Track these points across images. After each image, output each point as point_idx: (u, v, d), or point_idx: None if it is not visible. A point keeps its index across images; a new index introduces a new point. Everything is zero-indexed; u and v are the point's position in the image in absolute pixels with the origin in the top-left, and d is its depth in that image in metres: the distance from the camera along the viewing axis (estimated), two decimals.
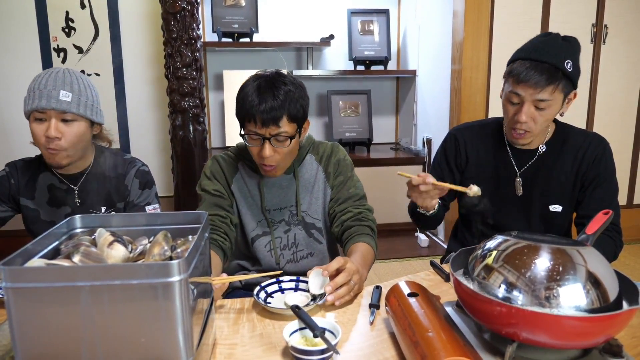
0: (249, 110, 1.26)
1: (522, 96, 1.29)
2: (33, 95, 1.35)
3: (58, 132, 1.36)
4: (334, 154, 1.48)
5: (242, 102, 1.28)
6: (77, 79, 1.41)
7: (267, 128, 1.26)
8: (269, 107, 1.24)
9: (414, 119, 3.74)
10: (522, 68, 1.28)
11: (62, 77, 1.38)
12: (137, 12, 3.41)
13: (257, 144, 1.30)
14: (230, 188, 1.44)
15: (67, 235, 0.89)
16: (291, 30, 3.71)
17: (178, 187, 3.13)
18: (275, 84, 1.27)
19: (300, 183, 1.45)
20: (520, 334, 0.80)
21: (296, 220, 1.46)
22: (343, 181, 1.47)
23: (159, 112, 3.56)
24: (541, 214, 1.46)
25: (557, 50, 1.27)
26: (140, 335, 0.70)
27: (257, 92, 1.26)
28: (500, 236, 0.93)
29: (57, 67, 1.42)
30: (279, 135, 1.27)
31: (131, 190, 1.55)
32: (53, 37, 3.33)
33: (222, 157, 1.47)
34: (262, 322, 1.05)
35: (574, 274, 0.81)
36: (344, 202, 1.45)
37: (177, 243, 0.84)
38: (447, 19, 3.14)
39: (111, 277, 0.68)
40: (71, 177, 1.51)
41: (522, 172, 1.45)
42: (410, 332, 0.86)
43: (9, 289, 0.66)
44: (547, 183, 1.44)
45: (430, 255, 3.21)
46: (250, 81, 1.31)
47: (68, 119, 1.38)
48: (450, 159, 1.55)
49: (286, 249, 1.46)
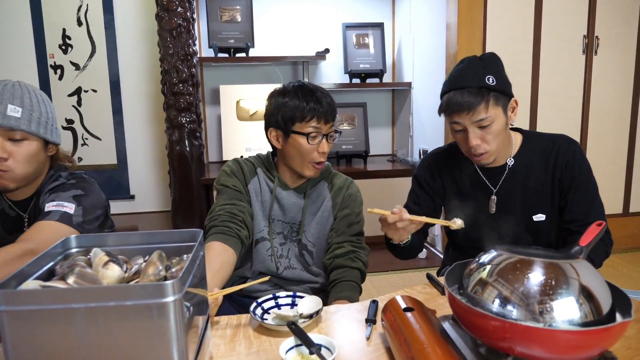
0: (313, 108, 1.35)
1: (461, 123, 1.31)
2: None
3: (4, 151, 1.22)
4: (347, 188, 1.53)
5: (298, 106, 1.36)
6: (28, 93, 1.26)
7: (328, 124, 1.39)
8: (328, 104, 1.38)
9: (410, 130, 3.76)
10: (449, 99, 1.31)
11: (10, 90, 1.23)
12: (133, 28, 3.44)
13: (317, 142, 1.38)
14: (247, 187, 1.47)
15: (62, 255, 0.89)
16: (287, 44, 3.74)
17: (175, 202, 3.13)
18: (318, 87, 1.41)
19: (308, 204, 1.48)
20: (515, 348, 0.80)
21: (294, 237, 1.49)
22: (348, 215, 1.50)
23: (156, 127, 3.57)
24: (526, 225, 1.45)
25: (473, 72, 1.30)
26: (135, 356, 0.70)
27: (311, 94, 1.37)
28: (494, 250, 0.94)
29: (7, 80, 1.26)
30: (331, 131, 1.41)
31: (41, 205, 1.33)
32: (50, 54, 3.36)
33: (242, 160, 1.52)
34: (258, 338, 1.05)
35: (567, 287, 0.81)
36: (342, 235, 1.48)
37: (172, 262, 0.84)
38: (440, 32, 3.18)
39: (106, 298, 0.68)
40: (21, 202, 1.36)
41: (497, 190, 1.45)
42: (406, 347, 0.86)
43: (4, 312, 0.67)
44: (525, 194, 1.43)
45: (429, 266, 3.20)
46: (289, 89, 1.40)
47: (17, 137, 1.23)
48: (425, 185, 1.53)
49: (282, 258, 1.49)
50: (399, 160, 3.82)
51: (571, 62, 3.12)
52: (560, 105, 3.15)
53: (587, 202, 1.40)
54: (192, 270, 0.79)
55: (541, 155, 1.42)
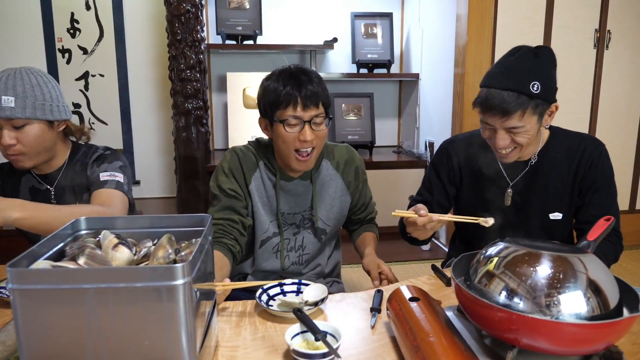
0: (288, 93, 1.27)
1: (492, 124, 1.27)
2: None
3: (11, 138, 1.32)
4: (352, 161, 1.52)
5: (276, 90, 1.29)
6: (21, 80, 1.32)
7: (308, 110, 1.29)
8: (309, 90, 1.28)
9: (416, 122, 3.74)
10: (486, 97, 1.23)
11: (4, 82, 1.30)
12: (141, 13, 3.43)
13: (296, 130, 1.30)
14: (248, 188, 1.41)
15: (72, 237, 0.89)
16: (295, 33, 3.72)
17: (181, 188, 3.14)
18: (304, 71, 1.32)
19: (317, 189, 1.45)
20: (521, 340, 0.80)
21: (307, 224, 1.46)
22: (362, 187, 1.55)
23: (163, 113, 3.57)
24: (542, 223, 1.44)
25: (521, 73, 1.21)
26: (144, 338, 0.71)
27: (291, 78, 1.29)
28: (502, 242, 0.94)
29: (9, 69, 1.34)
30: (317, 116, 1.30)
31: (90, 175, 1.48)
32: (58, 38, 3.35)
33: (242, 151, 1.43)
34: (264, 324, 1.06)
35: (574, 281, 0.81)
36: (366, 208, 1.59)
37: (181, 246, 0.85)
38: (450, 23, 3.15)
39: (116, 279, 0.68)
40: (47, 176, 1.49)
41: (514, 184, 1.43)
42: (411, 336, 0.86)
43: (15, 290, 0.67)
44: (544, 192, 1.42)
45: (432, 258, 3.21)
46: (275, 73, 1.34)
47: (18, 125, 1.32)
48: (442, 173, 1.52)
49: (292, 251, 1.46)
50: (404, 151, 3.81)
51: (582, 56, 3.08)
52: (569, 99, 3.13)
53: (604, 205, 1.38)
54: (201, 254, 0.79)
55: (566, 153, 1.40)
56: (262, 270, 1.46)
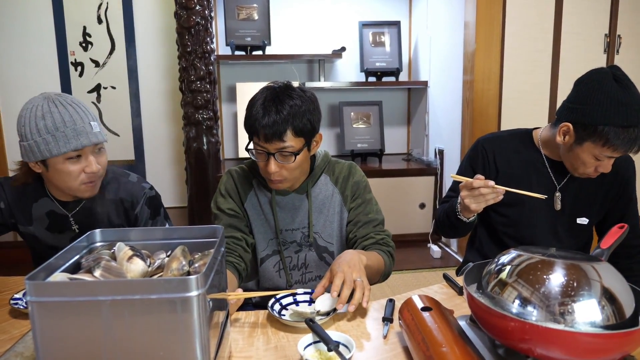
0: (252, 124, 1.24)
1: (612, 156, 1.28)
2: (64, 135, 1.24)
3: (96, 165, 1.31)
4: (352, 176, 1.44)
5: (248, 116, 1.27)
6: (87, 107, 1.33)
7: (271, 143, 1.24)
8: (271, 121, 1.22)
9: (425, 129, 3.74)
10: (623, 139, 1.22)
11: (81, 109, 1.29)
12: (152, 26, 3.48)
13: (262, 159, 1.28)
14: (244, 206, 1.41)
15: (87, 249, 0.91)
16: (303, 42, 3.75)
17: (192, 198, 3.16)
18: (280, 98, 1.25)
19: (313, 204, 1.41)
20: (534, 350, 0.80)
21: (308, 242, 1.43)
22: (361, 204, 1.43)
23: (174, 124, 3.61)
24: (569, 226, 1.46)
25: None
26: (159, 349, 0.72)
27: (262, 106, 1.24)
28: (514, 251, 0.94)
29: (46, 97, 1.29)
30: (283, 150, 1.25)
31: (141, 220, 1.49)
32: (71, 51, 3.41)
33: (237, 172, 1.45)
34: (276, 334, 1.06)
35: (588, 289, 0.81)
36: (364, 227, 1.41)
37: (195, 258, 0.86)
38: (458, 30, 3.16)
39: (131, 291, 0.69)
40: (72, 203, 1.44)
41: (561, 187, 1.44)
42: (424, 346, 0.86)
43: (34, 302, 0.68)
44: (577, 196, 1.44)
45: (443, 266, 3.19)
46: (258, 94, 1.29)
47: (99, 148, 1.33)
48: (477, 169, 1.51)
49: (295, 270, 1.44)
50: (414, 159, 3.81)
51: (592, 61, 3.06)
52: None
53: (629, 216, 1.45)
54: (214, 265, 0.80)
55: None
56: (267, 289, 1.45)
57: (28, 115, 1.27)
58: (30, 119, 1.25)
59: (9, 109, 3.41)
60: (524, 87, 3.01)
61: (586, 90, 1.27)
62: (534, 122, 1.69)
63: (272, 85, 1.30)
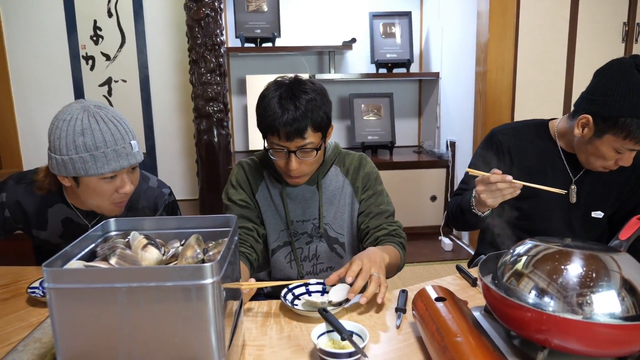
0: (271, 123, 1.21)
1: (626, 149, 1.25)
2: (104, 155, 1.15)
3: (130, 186, 1.24)
4: (362, 167, 1.44)
5: (264, 115, 1.23)
6: (127, 123, 1.23)
7: (292, 141, 1.22)
8: (291, 119, 1.19)
9: (437, 121, 3.71)
10: None
11: (122, 126, 1.20)
12: (162, 19, 3.48)
13: (282, 157, 1.27)
14: (255, 197, 1.41)
15: (102, 238, 0.91)
16: (313, 34, 3.73)
17: (203, 191, 3.17)
18: (296, 94, 1.22)
19: (324, 195, 1.41)
20: (551, 341, 0.79)
21: (318, 233, 1.42)
22: (372, 195, 1.42)
23: (184, 117, 3.62)
24: (583, 220, 1.43)
25: None
26: (174, 336, 0.72)
27: (278, 104, 1.21)
28: (530, 241, 0.92)
29: (85, 110, 1.17)
30: (304, 147, 1.24)
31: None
32: (82, 45, 3.43)
33: (248, 164, 1.44)
34: (289, 324, 1.06)
35: (607, 280, 0.79)
36: (376, 218, 1.40)
37: (209, 246, 0.86)
38: (471, 20, 3.12)
39: (147, 279, 0.69)
40: (90, 212, 1.38)
41: (576, 180, 1.41)
42: (438, 336, 0.86)
43: (51, 289, 0.69)
44: (593, 189, 1.41)
45: (454, 259, 3.18)
46: (270, 91, 1.25)
47: (134, 167, 1.25)
48: (491, 161, 1.48)
49: (306, 261, 1.44)
50: (425, 151, 3.79)
51: (609, 51, 3.01)
52: None
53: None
54: (228, 253, 0.80)
55: None
56: (278, 280, 1.45)
57: (65, 127, 1.15)
58: (68, 133, 1.14)
59: (22, 103, 3.44)
60: (539, 78, 2.97)
61: (607, 81, 1.23)
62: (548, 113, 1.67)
63: (281, 81, 1.27)
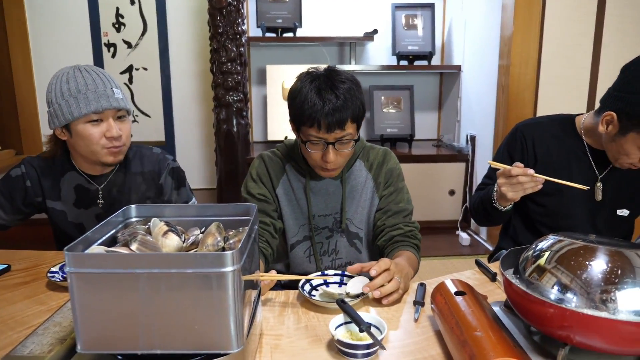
0: (312, 115, 1.19)
1: None
2: (85, 97, 1.28)
3: (119, 130, 1.33)
4: (386, 162, 1.42)
5: (302, 107, 1.20)
6: (111, 76, 1.37)
7: (332, 132, 1.20)
8: (332, 109, 1.17)
9: (457, 115, 3.66)
10: None
11: (104, 76, 1.34)
12: (184, 7, 3.49)
13: (319, 150, 1.24)
14: (276, 192, 1.39)
15: (123, 224, 0.92)
16: (334, 25, 3.70)
17: (221, 180, 3.19)
18: (334, 84, 1.20)
19: (347, 190, 1.39)
20: (573, 338, 0.77)
21: (339, 228, 1.41)
22: (393, 192, 1.41)
23: (204, 105, 3.64)
24: (608, 218, 1.40)
25: None
26: (194, 323, 0.72)
27: (318, 95, 1.19)
28: (553, 237, 0.91)
29: (74, 66, 1.35)
30: (343, 138, 1.22)
31: (166, 190, 1.51)
32: (104, 32, 3.46)
33: (269, 157, 1.42)
34: (307, 314, 1.07)
35: (633, 277, 0.77)
36: (394, 217, 1.39)
37: (229, 234, 0.86)
38: (495, 13, 3.06)
39: (168, 265, 0.70)
40: (99, 176, 1.46)
41: (602, 177, 1.38)
42: (457, 330, 0.85)
43: (73, 273, 0.70)
44: (619, 187, 1.38)
45: (472, 254, 3.15)
46: (305, 83, 1.23)
47: (121, 115, 1.35)
48: (515, 156, 1.46)
49: (325, 255, 1.43)
50: (444, 145, 3.74)
51: (637, 45, 2.92)
52: None
53: None
54: (248, 242, 0.80)
55: None
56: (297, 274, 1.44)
57: (54, 81, 1.33)
58: (56, 85, 1.32)
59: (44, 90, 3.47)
60: (563, 72, 2.90)
61: (632, 77, 1.20)
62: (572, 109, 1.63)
63: (315, 72, 1.25)
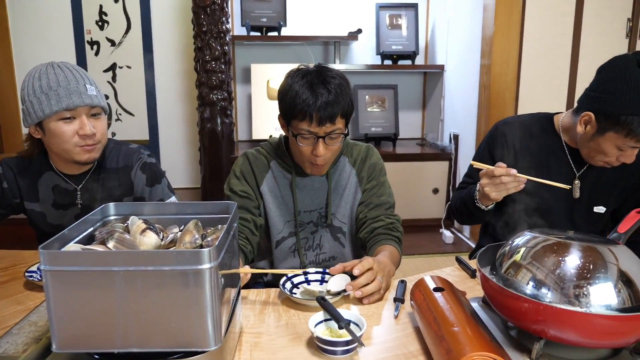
0: (303, 108, 1.20)
1: (636, 146, 1.23)
2: (57, 94, 1.25)
3: (92, 127, 1.30)
4: (369, 157, 1.45)
5: (293, 102, 1.22)
6: (85, 73, 1.33)
7: (323, 126, 1.22)
8: (324, 102, 1.20)
9: (441, 114, 3.70)
10: None
11: (77, 72, 1.30)
12: (168, 5, 3.47)
13: (309, 144, 1.26)
14: (260, 189, 1.40)
15: (101, 222, 0.91)
16: (319, 24, 3.71)
17: (205, 179, 3.17)
18: (325, 79, 1.23)
19: (332, 186, 1.41)
20: (548, 332, 0.79)
21: (324, 223, 1.43)
22: (375, 186, 1.43)
23: (188, 104, 3.61)
24: (585, 215, 1.42)
25: None
26: (171, 321, 0.72)
27: (310, 89, 1.21)
28: (529, 233, 0.92)
29: (48, 63, 1.31)
30: (333, 132, 1.24)
31: (137, 186, 1.46)
32: (87, 30, 3.42)
33: (254, 155, 1.43)
34: (287, 312, 1.07)
35: (605, 272, 0.79)
36: (376, 209, 1.41)
37: (207, 232, 0.86)
38: (477, 13, 3.09)
39: (144, 263, 0.70)
40: (76, 176, 1.43)
41: (580, 175, 1.40)
42: (435, 326, 0.86)
43: (48, 271, 0.69)
44: (596, 184, 1.40)
45: (455, 252, 3.18)
46: (296, 78, 1.25)
47: (95, 113, 1.32)
48: (495, 154, 1.48)
49: (310, 250, 1.44)
50: (428, 144, 3.77)
51: (613, 46, 2.98)
52: None
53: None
54: (227, 239, 0.80)
55: None
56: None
57: (28, 78, 1.29)
58: (29, 82, 1.28)
59: None
60: (543, 72, 2.95)
61: (608, 78, 1.22)
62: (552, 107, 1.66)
63: (305, 69, 1.27)
